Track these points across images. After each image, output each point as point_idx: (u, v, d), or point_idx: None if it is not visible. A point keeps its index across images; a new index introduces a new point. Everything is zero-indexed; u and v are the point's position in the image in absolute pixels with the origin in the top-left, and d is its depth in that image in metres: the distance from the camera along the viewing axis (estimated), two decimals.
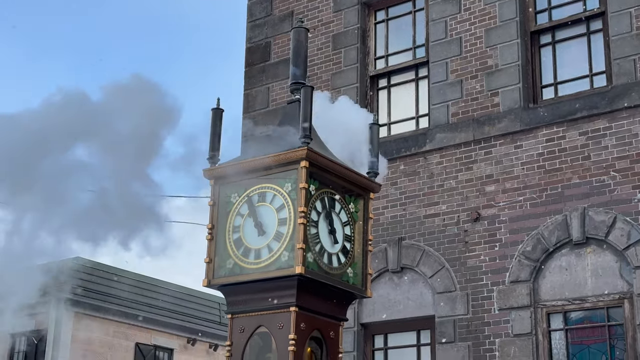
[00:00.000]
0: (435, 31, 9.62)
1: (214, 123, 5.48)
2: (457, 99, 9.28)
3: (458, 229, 8.88)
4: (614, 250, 8.02)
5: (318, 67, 10.30)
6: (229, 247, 5.20)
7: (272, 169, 5.14)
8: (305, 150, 5.01)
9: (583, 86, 8.81)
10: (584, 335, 8.13)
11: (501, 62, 9.09)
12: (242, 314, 5.13)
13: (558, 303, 8.21)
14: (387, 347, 9.18)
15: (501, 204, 8.70)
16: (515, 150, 8.78)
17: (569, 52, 9.05)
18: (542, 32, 9.20)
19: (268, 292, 5.02)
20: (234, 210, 5.25)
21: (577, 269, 8.17)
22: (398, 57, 10.07)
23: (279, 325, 4.93)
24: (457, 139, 9.13)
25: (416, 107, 9.79)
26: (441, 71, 9.45)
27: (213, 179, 5.36)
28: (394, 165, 9.44)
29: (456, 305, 8.66)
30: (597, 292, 8.02)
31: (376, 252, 9.08)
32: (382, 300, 9.11)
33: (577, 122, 8.51)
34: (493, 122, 8.97)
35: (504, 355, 8.26)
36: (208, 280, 5.23)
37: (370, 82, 10.10)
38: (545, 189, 8.51)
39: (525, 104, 8.89)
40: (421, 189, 9.23)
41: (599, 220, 8.11)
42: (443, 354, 8.60)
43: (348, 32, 10.27)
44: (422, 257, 8.99)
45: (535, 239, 8.40)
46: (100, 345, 19.70)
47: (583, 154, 8.40)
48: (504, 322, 8.36)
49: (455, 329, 8.59)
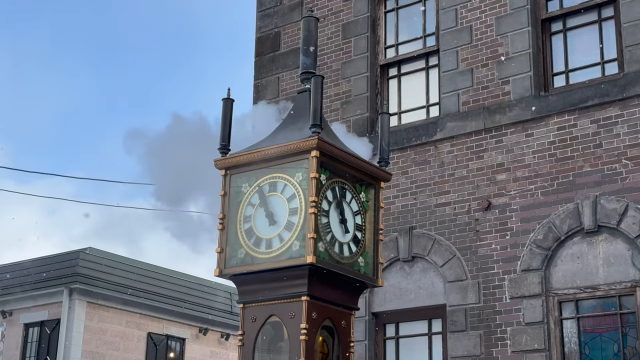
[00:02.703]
0: (446, 19, 9.58)
1: (224, 113, 5.49)
2: (468, 88, 9.25)
3: (469, 218, 8.87)
4: (625, 238, 7.99)
5: (328, 57, 10.29)
6: (240, 237, 5.21)
7: (283, 158, 5.14)
8: (316, 139, 5.01)
9: (594, 74, 8.76)
10: (596, 323, 8.12)
11: (512, 50, 9.05)
12: (253, 303, 5.15)
13: (570, 291, 8.19)
14: (399, 336, 9.20)
15: (512, 193, 8.68)
16: (527, 138, 8.75)
17: (581, 40, 9.00)
18: (553, 20, 9.16)
19: (279, 281, 5.03)
20: (245, 200, 5.26)
21: (588, 257, 8.15)
22: (408, 45, 10.04)
23: (290, 314, 4.95)
24: (468, 128, 9.11)
25: (426, 96, 9.77)
26: (452, 60, 9.42)
27: (224, 169, 5.37)
28: (404, 155, 9.43)
29: (467, 294, 8.66)
30: (609, 281, 8.00)
31: (387, 241, 9.08)
32: (394, 289, 9.12)
33: (589, 110, 8.47)
34: (504, 111, 8.94)
35: (516, 344, 8.26)
36: (220, 270, 5.25)
37: (380, 71, 10.08)
38: (556, 177, 8.48)
39: (537, 92, 8.86)
40: (432, 178, 9.22)
41: (611, 209, 8.09)
42: (454, 342, 8.61)
43: (358, 21, 10.24)
44: (433, 246, 8.99)
45: (547, 228, 8.39)
46: (112, 335, 19.81)
47: (595, 142, 8.36)
48: (515, 311, 8.36)
49: (467, 318, 8.59)
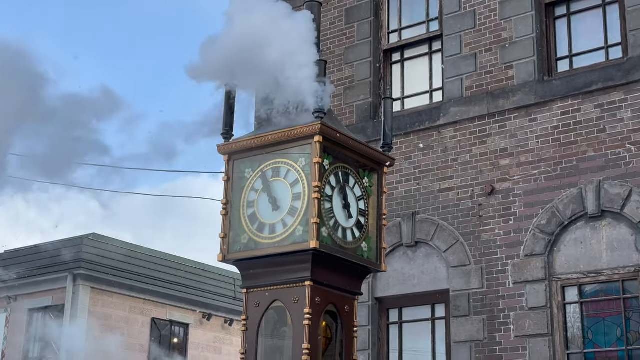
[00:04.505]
0: (449, 4, 9.54)
1: (226, 100, 5.49)
2: (471, 73, 9.22)
3: (472, 203, 8.86)
4: (629, 223, 7.99)
5: (331, 42, 10.26)
6: (243, 222, 5.22)
7: (286, 144, 5.14)
8: (319, 125, 5.01)
9: (598, 58, 8.73)
10: (599, 308, 8.13)
11: (516, 34, 9.02)
12: (257, 288, 5.16)
13: (573, 276, 8.20)
14: (402, 321, 9.21)
15: (516, 178, 8.67)
16: (530, 123, 8.73)
17: (584, 24, 8.96)
18: (556, 4, 9.11)
19: (283, 266, 5.04)
20: (248, 186, 5.26)
21: (592, 242, 8.15)
22: (411, 30, 10.01)
23: (294, 299, 4.96)
24: (472, 113, 9.09)
25: (430, 81, 9.75)
26: (455, 44, 9.39)
27: (227, 154, 5.37)
28: (408, 140, 9.42)
29: (471, 279, 8.67)
30: (613, 265, 8.00)
31: (390, 226, 9.08)
32: (397, 274, 9.13)
33: (593, 94, 8.45)
34: (507, 96, 8.92)
35: (519, 329, 8.28)
36: (223, 255, 5.26)
37: (383, 56, 10.05)
38: (560, 162, 8.47)
39: (540, 76, 8.83)
40: (435, 163, 9.21)
41: (615, 193, 8.08)
42: (458, 327, 8.62)
43: (361, 5, 10.20)
44: (437, 231, 8.99)
45: (550, 213, 8.38)
46: (116, 321, 19.87)
47: (598, 126, 8.34)
48: (518, 296, 8.36)
49: (470, 303, 8.60)
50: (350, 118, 9.87)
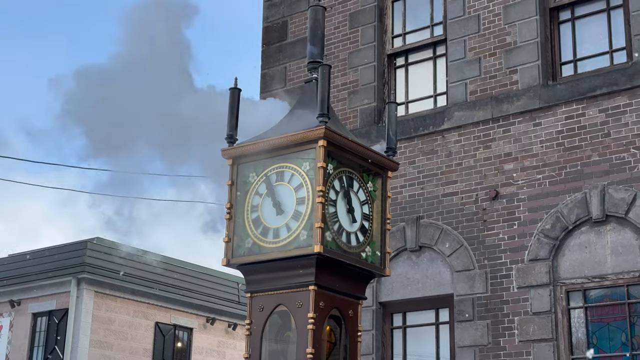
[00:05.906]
0: (453, 9, 9.55)
1: (231, 103, 5.48)
2: (476, 77, 9.22)
3: (476, 208, 8.85)
4: (634, 227, 7.97)
5: (335, 46, 10.26)
6: (247, 226, 5.21)
7: (290, 148, 5.14)
8: (323, 129, 5.00)
9: (603, 63, 8.72)
10: (604, 313, 8.11)
11: (520, 39, 9.02)
12: (261, 292, 5.15)
13: (577, 281, 8.18)
14: (406, 325, 9.21)
15: (520, 182, 8.66)
16: (534, 128, 8.72)
17: (589, 29, 8.96)
18: (561, 9, 9.11)
19: (287, 271, 5.03)
20: (252, 190, 5.26)
21: (596, 246, 8.13)
22: (415, 35, 10.01)
23: (298, 303, 4.95)
24: (476, 117, 9.08)
25: (434, 85, 9.75)
26: (459, 49, 9.39)
27: (231, 158, 5.37)
28: (412, 144, 9.42)
29: (475, 283, 8.66)
30: (617, 270, 7.98)
31: (394, 230, 9.08)
32: (401, 278, 9.12)
33: (597, 99, 8.44)
34: (512, 100, 8.91)
35: (523, 333, 8.26)
36: (227, 259, 5.26)
37: (387, 60, 10.05)
38: (564, 166, 8.46)
39: (544, 81, 8.83)
40: (439, 167, 9.21)
41: (619, 198, 8.06)
42: (462, 332, 8.61)
43: (365, 10, 10.21)
44: (441, 235, 8.98)
45: (555, 217, 8.37)
46: (120, 325, 19.88)
47: (603, 131, 8.33)
48: (523, 300, 8.35)
49: (474, 307, 8.59)
50: (354, 122, 9.87)
